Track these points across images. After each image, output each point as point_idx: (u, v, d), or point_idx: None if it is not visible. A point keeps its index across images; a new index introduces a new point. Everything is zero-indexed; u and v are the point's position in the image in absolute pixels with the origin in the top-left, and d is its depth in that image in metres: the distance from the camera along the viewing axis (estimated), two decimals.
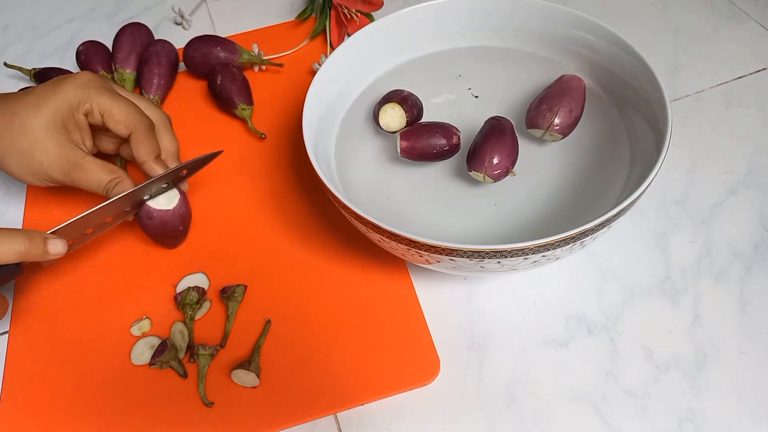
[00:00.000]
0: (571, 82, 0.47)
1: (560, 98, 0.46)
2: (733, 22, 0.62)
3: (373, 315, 0.44)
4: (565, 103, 0.45)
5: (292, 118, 0.57)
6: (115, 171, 0.46)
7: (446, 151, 0.46)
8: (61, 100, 0.44)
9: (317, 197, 0.51)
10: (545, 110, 0.46)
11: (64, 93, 0.45)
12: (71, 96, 0.45)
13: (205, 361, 0.42)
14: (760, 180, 0.50)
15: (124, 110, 0.45)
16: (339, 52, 0.48)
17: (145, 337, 0.44)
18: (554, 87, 0.47)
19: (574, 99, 0.46)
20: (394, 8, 0.51)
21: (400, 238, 0.37)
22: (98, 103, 0.45)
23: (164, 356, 0.41)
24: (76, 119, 0.45)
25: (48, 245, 0.41)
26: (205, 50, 0.59)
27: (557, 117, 0.45)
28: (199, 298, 0.44)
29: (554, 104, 0.46)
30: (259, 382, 0.41)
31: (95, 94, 0.45)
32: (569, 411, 0.39)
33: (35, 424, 0.41)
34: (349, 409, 0.41)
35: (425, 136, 0.45)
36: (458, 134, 0.46)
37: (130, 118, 0.45)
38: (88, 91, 0.45)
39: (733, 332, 0.42)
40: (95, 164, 0.45)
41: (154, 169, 0.46)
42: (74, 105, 0.45)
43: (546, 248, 0.36)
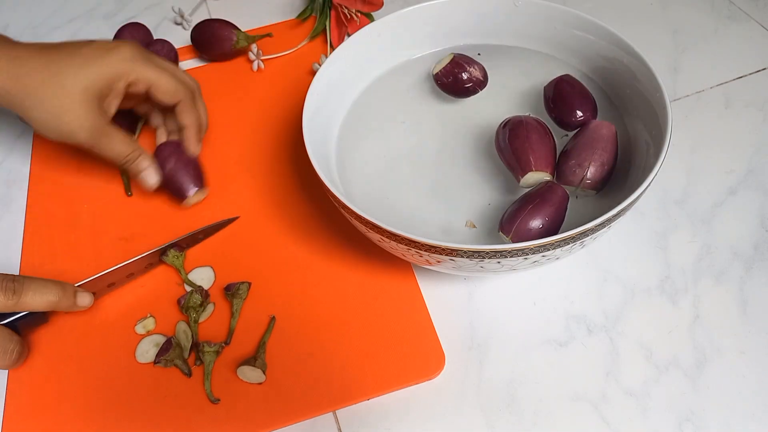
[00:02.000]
0: (599, 130, 0.43)
1: (590, 151, 0.42)
2: (733, 22, 0.62)
3: (378, 311, 0.44)
4: (596, 157, 0.41)
5: (292, 118, 0.57)
6: (134, 144, 0.49)
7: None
8: (106, 69, 0.46)
9: (318, 196, 0.51)
10: (575, 166, 0.42)
11: (111, 64, 0.46)
12: (117, 67, 0.46)
13: (210, 358, 0.42)
14: (760, 180, 0.50)
15: (172, 83, 0.48)
16: (339, 52, 0.48)
17: (150, 335, 0.44)
18: (583, 137, 0.43)
19: (605, 150, 0.42)
20: (394, 8, 0.51)
21: (400, 238, 0.37)
22: (145, 76, 0.47)
23: (169, 354, 0.41)
24: (115, 87, 0.47)
25: (78, 298, 0.44)
26: (207, 29, 0.61)
27: (588, 172, 0.41)
28: (203, 300, 0.44)
29: (584, 159, 0.42)
30: (264, 379, 0.41)
31: (141, 66, 0.47)
32: (569, 411, 0.39)
33: (41, 421, 0.41)
34: (349, 408, 0.41)
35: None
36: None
37: (177, 89, 0.49)
38: (134, 64, 0.47)
39: (733, 332, 0.42)
40: (120, 135, 0.48)
41: (193, 139, 0.51)
42: (118, 76, 0.46)
43: (546, 248, 0.36)
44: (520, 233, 0.39)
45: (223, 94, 0.60)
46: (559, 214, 0.40)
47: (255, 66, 0.61)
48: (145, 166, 0.49)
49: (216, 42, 0.61)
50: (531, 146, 0.42)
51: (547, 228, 0.39)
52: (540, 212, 0.39)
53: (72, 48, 0.47)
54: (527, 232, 0.39)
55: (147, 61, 0.48)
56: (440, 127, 0.50)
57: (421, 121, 0.50)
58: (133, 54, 0.47)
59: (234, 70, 0.62)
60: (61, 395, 0.42)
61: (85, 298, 0.44)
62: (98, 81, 0.46)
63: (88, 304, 0.44)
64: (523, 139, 0.43)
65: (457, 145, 0.48)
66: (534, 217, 0.39)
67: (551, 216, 0.39)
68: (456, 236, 0.43)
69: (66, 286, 0.43)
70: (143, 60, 0.48)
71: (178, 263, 0.47)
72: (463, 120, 0.50)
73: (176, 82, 0.49)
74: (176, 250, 0.47)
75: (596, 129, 0.43)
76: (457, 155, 0.48)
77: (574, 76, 0.47)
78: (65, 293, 0.43)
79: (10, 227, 0.52)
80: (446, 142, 0.49)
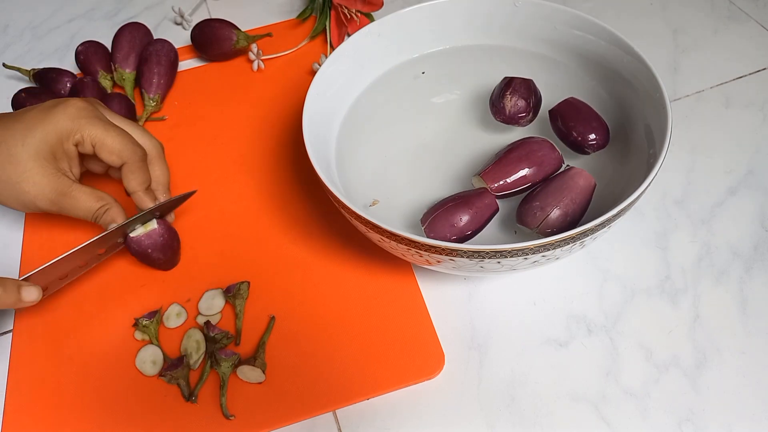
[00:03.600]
0: (576, 179, 0.40)
1: (558, 197, 0.39)
2: (733, 22, 0.62)
3: (378, 311, 0.44)
4: (563, 204, 0.39)
5: (292, 118, 0.57)
6: (103, 198, 0.45)
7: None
8: (51, 130, 0.43)
9: (318, 196, 0.51)
10: (537, 208, 0.40)
11: (55, 122, 0.44)
12: (61, 126, 0.44)
13: (227, 371, 0.41)
14: (760, 180, 0.50)
15: (117, 141, 0.44)
16: (339, 52, 0.48)
17: (150, 345, 0.43)
18: (557, 180, 0.41)
19: (574, 202, 0.39)
20: (394, 8, 0.51)
21: (400, 238, 0.37)
22: (90, 134, 0.44)
23: (176, 372, 0.41)
24: (65, 148, 0.44)
25: (23, 293, 0.40)
26: (207, 28, 0.61)
27: (550, 218, 0.39)
28: (224, 335, 0.43)
29: (549, 203, 0.39)
30: (264, 378, 0.41)
31: (87, 124, 0.44)
32: (569, 411, 0.39)
33: (40, 422, 0.41)
34: (349, 408, 0.41)
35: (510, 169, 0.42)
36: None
37: (123, 149, 0.45)
38: (79, 122, 0.44)
39: (733, 332, 0.42)
40: (83, 192, 0.45)
41: (143, 200, 0.46)
42: (64, 135, 0.44)
43: (546, 248, 0.36)
44: (434, 228, 0.40)
45: (223, 94, 0.60)
46: (477, 219, 0.40)
47: (255, 66, 0.61)
48: (115, 218, 0.45)
49: (216, 42, 0.61)
50: (504, 156, 0.43)
51: (462, 228, 0.40)
52: (457, 212, 0.40)
53: (16, 115, 0.45)
54: (441, 229, 0.40)
55: (93, 118, 0.45)
56: (440, 127, 0.50)
57: (422, 121, 0.50)
58: (79, 111, 0.44)
59: (234, 70, 0.62)
60: (60, 396, 0.42)
61: (32, 293, 0.40)
62: (46, 144, 0.43)
63: (36, 298, 0.41)
64: (509, 148, 0.43)
65: (457, 145, 0.48)
66: (452, 214, 0.40)
67: (471, 218, 0.40)
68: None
69: (6, 282, 0.39)
70: (90, 117, 0.44)
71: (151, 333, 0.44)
72: (463, 120, 0.50)
73: (124, 142, 0.45)
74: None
75: (573, 177, 0.40)
76: (458, 155, 0.48)
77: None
78: (6, 290, 0.39)
79: (10, 227, 0.52)
80: (446, 141, 0.49)
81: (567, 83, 0.50)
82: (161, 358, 0.43)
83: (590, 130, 0.44)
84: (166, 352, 0.43)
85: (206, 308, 0.45)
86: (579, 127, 0.44)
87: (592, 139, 0.44)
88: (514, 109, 0.45)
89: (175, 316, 0.45)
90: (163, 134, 0.57)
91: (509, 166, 0.42)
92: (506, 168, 0.42)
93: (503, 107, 0.46)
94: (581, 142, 0.44)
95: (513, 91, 0.46)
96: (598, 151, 0.44)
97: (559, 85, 0.50)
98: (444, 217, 0.40)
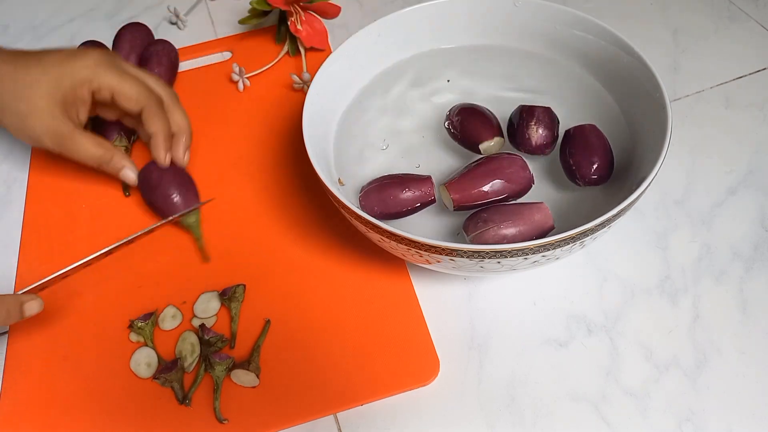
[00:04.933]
0: (533, 211, 0.40)
1: (506, 219, 0.39)
2: (733, 22, 0.62)
3: (373, 315, 0.44)
4: (505, 226, 0.39)
5: (292, 118, 0.57)
6: (105, 146, 0.48)
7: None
8: (67, 76, 0.46)
9: (317, 197, 0.51)
10: (482, 219, 0.40)
11: (71, 70, 0.46)
12: (78, 74, 0.46)
13: (221, 374, 0.41)
14: (760, 180, 0.50)
15: (135, 88, 0.47)
16: (339, 52, 0.48)
17: (144, 347, 0.43)
18: (516, 206, 0.40)
19: (521, 232, 0.39)
20: (394, 8, 0.51)
21: (400, 238, 0.37)
22: (107, 83, 0.47)
23: (170, 375, 0.41)
24: (78, 94, 0.47)
25: (24, 310, 0.41)
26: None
27: (485, 233, 0.39)
28: (219, 338, 0.43)
29: (494, 220, 0.39)
30: (258, 382, 0.41)
31: (104, 73, 0.47)
32: (569, 411, 0.39)
33: (34, 423, 0.41)
34: (349, 409, 0.41)
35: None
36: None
37: (140, 95, 0.47)
38: (96, 70, 0.46)
39: (733, 332, 0.42)
40: (86, 138, 0.48)
41: (160, 146, 0.49)
42: (78, 82, 0.46)
43: (546, 248, 0.36)
44: (367, 198, 0.42)
45: (221, 94, 0.60)
46: (409, 202, 0.42)
47: (240, 86, 0.60)
48: (121, 166, 0.49)
49: None
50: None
51: (391, 205, 0.42)
52: (391, 189, 0.42)
53: (38, 55, 0.47)
54: (370, 201, 0.42)
55: (111, 67, 0.47)
56: (440, 127, 0.50)
57: (421, 121, 0.50)
58: (98, 61, 0.47)
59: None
60: (55, 397, 0.42)
61: (33, 308, 0.41)
62: (60, 88, 0.46)
63: (38, 309, 0.41)
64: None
65: (457, 144, 0.48)
66: (386, 189, 0.42)
67: (405, 199, 0.42)
68: (457, 236, 0.43)
69: (9, 301, 0.40)
70: (107, 66, 0.47)
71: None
72: None
73: (140, 88, 0.48)
74: None
75: (532, 209, 0.40)
76: (457, 154, 0.48)
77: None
78: (9, 312, 0.40)
79: (9, 227, 0.52)
80: (446, 141, 0.49)
81: (567, 83, 0.50)
82: (156, 361, 0.43)
83: (588, 165, 0.42)
84: (160, 355, 0.43)
85: (202, 311, 0.45)
86: (578, 157, 0.43)
87: (589, 174, 0.42)
88: (540, 140, 0.44)
89: (171, 318, 0.45)
90: None
91: (475, 180, 0.41)
92: (471, 181, 0.41)
93: (528, 139, 0.44)
94: (575, 174, 0.43)
95: (537, 122, 0.44)
96: (590, 185, 0.43)
97: (560, 86, 0.50)
98: (378, 191, 0.42)
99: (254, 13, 0.62)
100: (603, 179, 0.43)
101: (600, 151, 0.43)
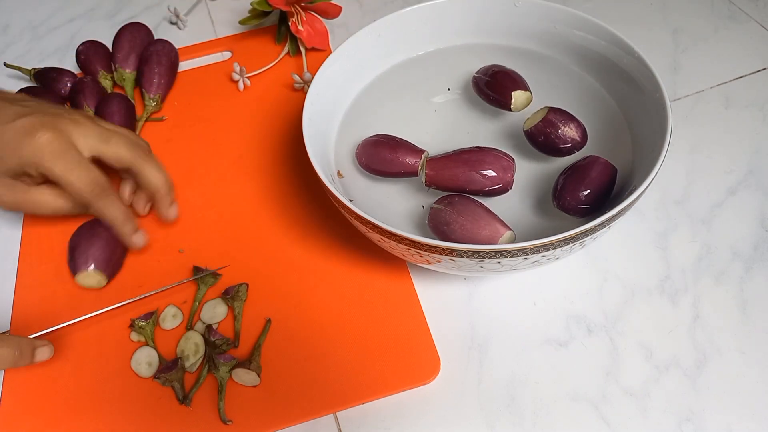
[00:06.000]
0: (484, 224, 0.40)
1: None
2: (733, 22, 0.62)
3: (373, 314, 0.44)
4: (456, 218, 0.40)
5: (292, 118, 0.57)
6: (63, 195, 0.46)
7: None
8: (15, 164, 0.44)
9: (317, 197, 0.51)
10: (444, 202, 0.41)
11: (18, 158, 0.43)
12: (25, 156, 0.43)
13: (224, 375, 0.41)
14: (760, 180, 0.50)
15: (82, 179, 0.44)
16: (339, 52, 0.48)
17: (146, 347, 0.43)
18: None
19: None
20: (394, 8, 0.51)
21: (400, 238, 0.37)
22: (53, 172, 0.43)
23: (171, 374, 0.41)
24: (25, 171, 0.44)
25: (36, 355, 0.41)
26: None
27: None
28: (225, 340, 0.43)
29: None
30: (259, 381, 0.41)
31: (51, 161, 0.43)
32: (569, 411, 0.39)
33: (35, 422, 0.41)
34: (350, 409, 0.41)
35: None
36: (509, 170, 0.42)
37: (87, 185, 0.44)
38: (44, 156, 0.43)
39: (733, 332, 0.42)
40: (43, 192, 0.46)
41: (127, 224, 0.46)
42: (26, 163, 0.43)
43: (546, 248, 0.36)
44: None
45: (221, 94, 0.60)
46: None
47: (241, 85, 0.60)
48: (115, 199, 0.46)
49: None
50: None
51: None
52: (382, 149, 0.44)
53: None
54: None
55: (60, 154, 0.43)
56: (440, 127, 0.50)
57: (421, 121, 0.50)
58: (48, 145, 0.43)
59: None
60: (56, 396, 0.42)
61: (45, 353, 0.41)
62: (4, 162, 0.44)
63: (48, 357, 0.42)
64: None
65: (456, 144, 0.48)
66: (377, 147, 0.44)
67: (596, 185, 0.41)
68: None
69: (22, 344, 0.40)
70: (57, 154, 0.43)
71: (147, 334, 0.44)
72: (462, 119, 0.50)
73: (88, 178, 0.44)
74: (142, 320, 0.44)
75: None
76: None
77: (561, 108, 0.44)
78: (22, 354, 0.40)
79: (9, 227, 0.52)
80: (446, 141, 0.49)
81: (567, 83, 0.50)
82: (156, 360, 0.43)
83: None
84: (161, 354, 0.43)
85: (209, 318, 0.44)
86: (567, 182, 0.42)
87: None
88: (576, 136, 0.44)
89: (171, 317, 0.45)
90: (163, 134, 0.57)
91: (455, 164, 0.42)
92: (450, 164, 0.43)
93: (563, 136, 0.44)
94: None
95: (565, 120, 0.44)
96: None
97: (559, 86, 0.50)
98: (373, 145, 0.45)
99: (255, 14, 0.62)
100: (579, 211, 0.41)
101: (593, 185, 0.41)
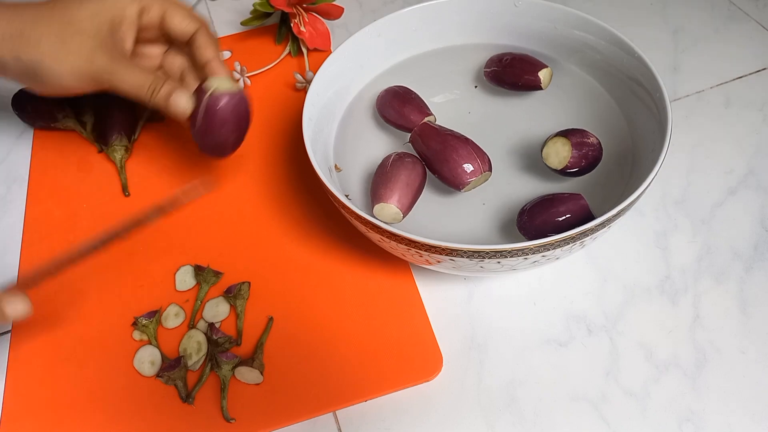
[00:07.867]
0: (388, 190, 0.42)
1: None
2: (733, 22, 0.62)
3: (376, 312, 0.44)
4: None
5: (293, 118, 0.57)
6: (156, 73, 0.43)
7: None
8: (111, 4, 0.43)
9: (318, 196, 0.51)
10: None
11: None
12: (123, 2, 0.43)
13: (227, 374, 0.41)
14: (760, 180, 0.50)
15: (187, 9, 0.44)
16: (339, 52, 0.48)
17: (148, 345, 0.43)
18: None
19: None
20: (394, 8, 0.51)
21: (400, 238, 0.37)
22: (159, 4, 0.44)
23: (173, 373, 0.41)
24: (127, 14, 0.43)
25: (6, 307, 0.36)
26: None
27: None
28: (227, 338, 0.43)
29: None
30: (262, 379, 0.41)
31: None
32: (569, 411, 0.39)
33: (38, 421, 0.41)
34: (349, 408, 0.41)
35: None
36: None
37: (193, 15, 0.44)
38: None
39: (733, 332, 0.42)
40: (137, 66, 0.44)
41: (221, 67, 0.45)
42: (127, 2, 0.43)
43: (546, 248, 0.36)
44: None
45: None
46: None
47: (241, 84, 0.59)
48: (171, 91, 0.43)
49: None
50: None
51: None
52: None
53: None
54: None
55: None
56: None
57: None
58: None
59: None
60: (58, 397, 0.42)
61: (17, 307, 0.36)
62: (106, 8, 0.43)
63: (22, 311, 0.37)
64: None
65: None
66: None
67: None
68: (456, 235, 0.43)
69: None
70: None
71: None
72: (461, 119, 0.50)
73: (191, 11, 0.44)
74: None
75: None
76: None
77: None
78: None
79: (10, 227, 0.52)
80: None
81: (567, 83, 0.50)
82: (159, 359, 0.43)
83: None
84: (164, 353, 0.43)
85: (212, 316, 0.44)
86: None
87: None
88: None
89: (174, 316, 0.45)
90: (163, 135, 0.57)
91: (443, 146, 0.43)
92: (436, 136, 0.44)
93: (593, 143, 0.43)
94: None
95: (582, 135, 0.43)
96: None
97: (559, 85, 0.50)
98: (393, 93, 0.48)
99: (256, 15, 0.62)
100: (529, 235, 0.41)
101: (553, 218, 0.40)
